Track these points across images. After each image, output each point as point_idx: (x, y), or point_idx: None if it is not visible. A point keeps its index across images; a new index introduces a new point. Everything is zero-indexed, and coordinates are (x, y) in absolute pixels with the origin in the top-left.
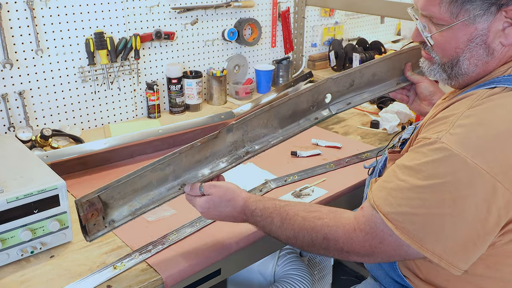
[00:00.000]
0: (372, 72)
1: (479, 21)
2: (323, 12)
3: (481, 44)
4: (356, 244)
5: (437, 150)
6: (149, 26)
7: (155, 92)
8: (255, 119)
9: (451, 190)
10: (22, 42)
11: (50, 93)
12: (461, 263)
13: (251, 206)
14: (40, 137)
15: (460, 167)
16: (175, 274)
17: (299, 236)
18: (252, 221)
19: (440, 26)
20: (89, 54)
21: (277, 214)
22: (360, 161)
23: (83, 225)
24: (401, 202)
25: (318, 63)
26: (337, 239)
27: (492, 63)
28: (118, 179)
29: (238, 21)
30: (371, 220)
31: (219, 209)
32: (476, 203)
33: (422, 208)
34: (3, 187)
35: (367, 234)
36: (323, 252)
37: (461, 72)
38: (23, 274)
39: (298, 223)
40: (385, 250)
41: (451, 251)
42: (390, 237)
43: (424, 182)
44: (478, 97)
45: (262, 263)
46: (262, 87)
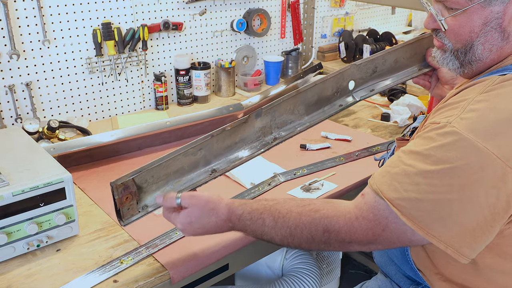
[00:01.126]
0: (394, 58)
1: (495, 3)
2: (333, 3)
3: (496, 28)
4: (359, 233)
5: (446, 134)
6: (157, 16)
7: (163, 84)
8: (282, 104)
9: (461, 174)
10: (29, 33)
11: (57, 84)
12: (468, 250)
13: (237, 210)
14: (47, 128)
15: (470, 152)
16: (182, 269)
17: (296, 233)
18: (240, 227)
19: (455, 10)
20: (97, 45)
21: (268, 214)
22: (370, 154)
23: (117, 208)
24: (407, 188)
25: (327, 55)
26: (339, 230)
27: (507, 48)
28: (152, 162)
29: (247, 12)
30: (375, 206)
31: (201, 221)
32: (485, 189)
33: (430, 194)
34: (9, 180)
35: (370, 222)
36: (322, 246)
37: (475, 58)
38: (29, 268)
39: (294, 219)
40: (388, 237)
41: (458, 238)
42: (394, 224)
43: (433, 167)
44: (490, 83)
45: (270, 257)
46: (271, 79)
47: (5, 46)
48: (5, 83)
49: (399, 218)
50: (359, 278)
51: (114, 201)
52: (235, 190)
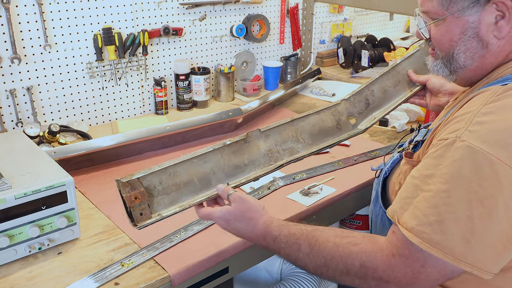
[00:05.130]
0: (381, 88)
1: (469, 13)
2: (331, 9)
3: (473, 36)
4: (397, 271)
5: (457, 149)
6: (157, 22)
7: (162, 88)
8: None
9: (477, 189)
10: (30, 38)
11: (58, 88)
12: (492, 267)
13: (274, 231)
14: (48, 133)
15: (484, 165)
16: (183, 272)
17: (331, 265)
18: (274, 248)
19: (436, 20)
20: (97, 50)
21: (305, 240)
22: (369, 159)
23: (127, 209)
24: (426, 212)
25: (326, 60)
26: (376, 267)
27: (489, 56)
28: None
29: (247, 17)
30: (408, 242)
31: (238, 224)
32: (504, 201)
33: (449, 213)
34: (11, 183)
35: (407, 258)
36: (358, 282)
37: (459, 66)
38: (30, 271)
39: (329, 249)
40: (429, 274)
41: (483, 257)
42: (430, 257)
43: (448, 185)
44: (492, 94)
45: (269, 261)
46: (270, 84)
47: (7, 50)
48: (6, 87)
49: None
50: None
51: (123, 200)
52: None
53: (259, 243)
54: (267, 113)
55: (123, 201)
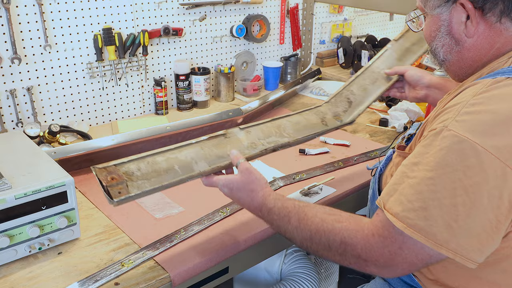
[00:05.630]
0: (359, 87)
1: (439, 12)
2: (331, 9)
3: (446, 34)
4: (375, 251)
5: (444, 138)
6: (157, 22)
7: (162, 89)
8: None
9: (462, 177)
10: (31, 38)
11: (58, 89)
12: (476, 255)
13: (269, 204)
14: (48, 133)
15: (469, 154)
16: (183, 272)
17: (316, 239)
18: (268, 219)
19: (420, 15)
20: (97, 50)
21: (295, 214)
22: (369, 159)
23: (104, 188)
24: (411, 198)
25: (326, 60)
26: (355, 244)
27: (466, 52)
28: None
29: (247, 18)
30: (389, 224)
31: (239, 194)
32: (488, 190)
33: (433, 201)
34: (12, 183)
35: (386, 239)
36: (338, 258)
37: (441, 59)
38: (31, 271)
39: (316, 224)
40: (405, 257)
41: (466, 244)
42: (408, 240)
43: (433, 172)
44: (482, 86)
45: (269, 261)
46: (270, 84)
47: (7, 50)
48: (7, 87)
49: (404, 231)
50: (357, 283)
51: (100, 182)
52: None
53: (256, 214)
54: (267, 113)
55: (100, 183)
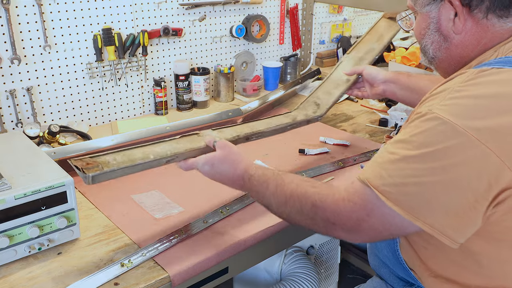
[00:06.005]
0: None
1: (429, 9)
2: (331, 9)
3: (435, 30)
4: (343, 214)
5: (428, 120)
6: (157, 22)
7: (162, 89)
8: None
9: (442, 157)
10: (30, 38)
11: (58, 89)
12: (453, 232)
13: (251, 171)
14: (48, 133)
15: (450, 135)
16: (182, 272)
17: (290, 203)
18: (248, 186)
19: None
20: (97, 50)
21: (273, 180)
22: (368, 159)
23: (80, 169)
24: (392, 173)
25: (326, 60)
26: (325, 208)
27: (454, 48)
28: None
29: (246, 18)
30: (362, 192)
31: (221, 166)
32: (467, 170)
33: (414, 178)
34: (11, 183)
35: (356, 205)
36: (309, 222)
37: (431, 56)
38: (30, 271)
39: (291, 189)
40: (372, 224)
41: (443, 220)
42: (379, 210)
43: (415, 151)
44: (469, 74)
45: (268, 261)
46: (269, 84)
47: (7, 51)
48: (6, 87)
49: (385, 204)
50: (357, 283)
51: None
52: (235, 194)
53: (238, 184)
54: (267, 113)
55: (75, 168)
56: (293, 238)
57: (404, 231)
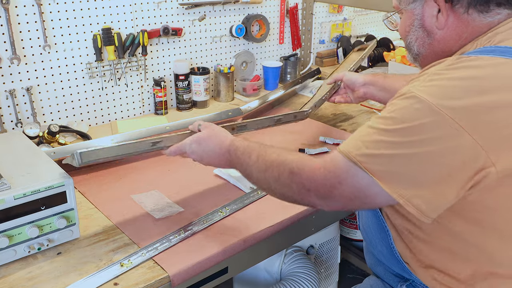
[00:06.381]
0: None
1: (413, 7)
2: (331, 9)
3: (419, 27)
4: (317, 181)
5: (406, 99)
6: (157, 22)
7: (162, 89)
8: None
9: (418, 133)
10: (30, 38)
11: (58, 89)
12: (423, 204)
13: (237, 143)
14: (48, 133)
15: (426, 113)
16: (182, 272)
17: (269, 170)
18: (233, 158)
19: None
20: (97, 50)
21: (257, 151)
22: None
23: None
24: (368, 145)
25: (326, 60)
26: (302, 174)
27: (437, 44)
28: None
29: (246, 17)
30: (337, 161)
31: (205, 144)
32: (440, 147)
33: (388, 150)
34: (11, 183)
35: (330, 172)
36: (286, 189)
37: (415, 53)
38: (30, 271)
39: (272, 158)
40: (343, 191)
41: (412, 189)
42: (351, 178)
43: (392, 126)
44: (449, 61)
45: (268, 261)
46: (269, 84)
47: (6, 51)
48: (6, 87)
49: (357, 173)
50: (357, 283)
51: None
52: (235, 194)
53: (225, 158)
54: (267, 113)
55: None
56: (293, 238)
57: (374, 201)
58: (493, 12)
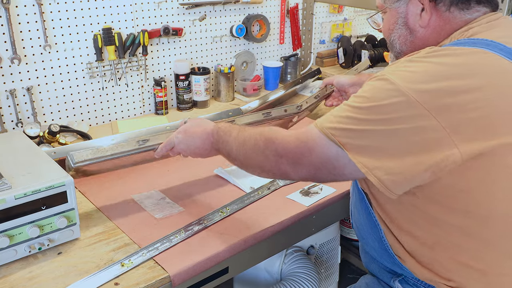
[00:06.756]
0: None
1: (398, 5)
2: (331, 9)
3: (403, 25)
4: (289, 148)
5: (378, 80)
6: (157, 22)
7: (162, 89)
8: None
9: (385, 112)
10: (30, 38)
11: (58, 89)
12: (384, 175)
13: (219, 125)
14: (48, 133)
15: (394, 94)
16: (182, 272)
17: (247, 142)
18: (216, 139)
19: (383, 12)
20: (97, 50)
21: (237, 128)
22: None
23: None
24: (340, 120)
25: (326, 60)
26: (275, 141)
27: (418, 42)
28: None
29: (246, 17)
30: (310, 132)
31: (190, 132)
32: (406, 126)
33: (357, 125)
34: (11, 183)
35: (301, 142)
36: (262, 158)
37: (397, 51)
38: (30, 271)
39: (251, 131)
40: (312, 160)
41: (375, 161)
42: (320, 148)
43: (363, 104)
44: (422, 52)
45: (269, 261)
46: (270, 84)
47: (7, 50)
48: (6, 87)
49: (327, 143)
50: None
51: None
52: (235, 194)
53: (209, 141)
54: None
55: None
56: (293, 238)
57: (343, 171)
58: (473, 9)
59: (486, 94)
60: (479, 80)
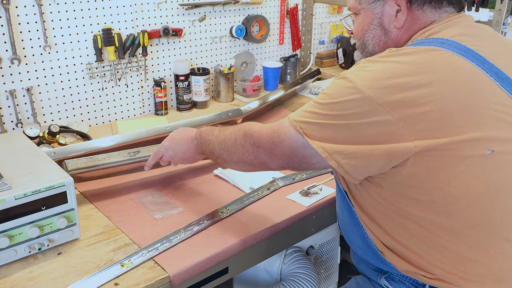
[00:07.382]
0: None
1: (374, 6)
2: (331, 9)
3: (378, 25)
4: (264, 138)
5: (340, 79)
6: (157, 22)
7: (162, 89)
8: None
9: (342, 108)
10: (30, 38)
11: (58, 89)
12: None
13: (202, 128)
14: (48, 133)
15: (351, 91)
16: (182, 272)
17: (227, 138)
18: (200, 141)
19: (355, 15)
20: (97, 50)
21: (218, 129)
22: None
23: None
24: (307, 115)
25: (326, 61)
26: (252, 133)
27: (391, 42)
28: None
29: (246, 18)
30: (282, 125)
31: (176, 139)
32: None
33: (320, 120)
34: (11, 183)
35: (274, 132)
36: (241, 150)
37: (369, 52)
38: (30, 271)
39: (230, 129)
40: (283, 149)
41: (335, 147)
42: (289, 139)
43: (325, 101)
44: (382, 53)
45: (268, 261)
46: (269, 85)
47: (7, 51)
48: (6, 88)
49: (295, 135)
50: None
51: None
52: (235, 195)
53: (194, 145)
54: (267, 113)
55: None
56: (293, 238)
57: (311, 161)
58: (443, 9)
59: (436, 89)
60: (430, 76)
